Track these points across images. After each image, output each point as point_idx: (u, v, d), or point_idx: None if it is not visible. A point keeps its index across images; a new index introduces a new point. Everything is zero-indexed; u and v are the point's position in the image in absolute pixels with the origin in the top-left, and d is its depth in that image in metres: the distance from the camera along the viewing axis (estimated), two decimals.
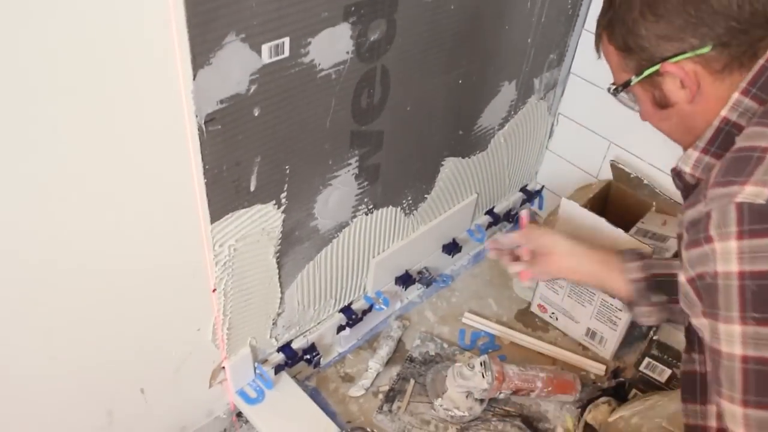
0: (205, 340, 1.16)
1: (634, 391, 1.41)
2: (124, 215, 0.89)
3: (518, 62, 1.41)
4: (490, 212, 1.72)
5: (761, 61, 0.81)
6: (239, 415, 1.37)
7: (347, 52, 0.99)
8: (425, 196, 1.43)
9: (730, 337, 0.75)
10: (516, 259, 1.22)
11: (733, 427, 0.77)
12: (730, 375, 0.76)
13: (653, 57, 0.85)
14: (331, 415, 1.35)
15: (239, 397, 1.31)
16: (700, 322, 0.81)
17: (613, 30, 0.88)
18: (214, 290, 1.08)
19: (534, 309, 1.61)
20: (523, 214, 1.26)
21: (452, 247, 1.62)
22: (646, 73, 0.86)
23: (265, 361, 1.33)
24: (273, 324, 1.27)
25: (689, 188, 0.90)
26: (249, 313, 1.19)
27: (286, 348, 1.35)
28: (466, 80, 1.29)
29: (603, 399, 1.35)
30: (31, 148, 0.74)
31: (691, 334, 0.89)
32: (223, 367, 1.25)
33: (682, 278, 0.83)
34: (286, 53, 0.91)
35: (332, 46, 0.96)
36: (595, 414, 1.33)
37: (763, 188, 0.71)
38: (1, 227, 0.77)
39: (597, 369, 1.49)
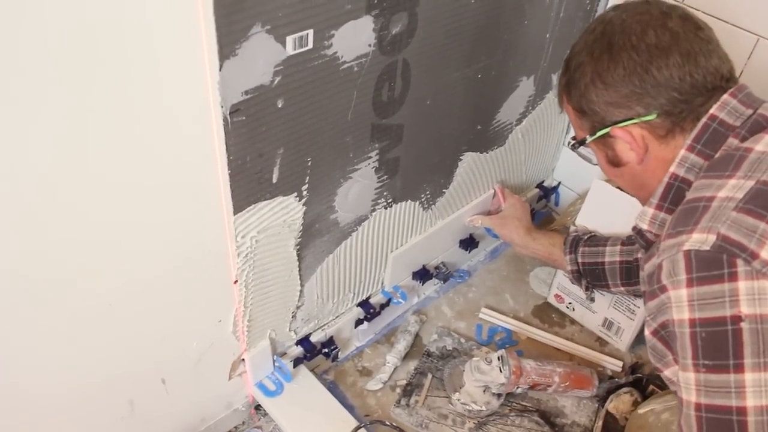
0: (226, 332, 1.16)
1: (651, 386, 1.41)
2: (149, 206, 0.89)
3: (537, 57, 1.42)
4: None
5: (704, 119, 0.86)
6: (258, 407, 1.38)
7: (369, 45, 1.00)
8: (443, 190, 1.43)
9: (688, 385, 0.77)
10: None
11: (686, 395, 0.78)
12: (689, 424, 0.78)
13: (604, 120, 0.92)
14: (349, 408, 1.36)
15: (258, 390, 1.32)
16: (672, 371, 0.83)
17: (569, 92, 0.96)
18: (235, 282, 1.09)
19: (551, 299, 1.61)
20: (497, 188, 1.59)
21: (469, 243, 1.62)
22: (599, 134, 0.93)
23: (283, 354, 1.33)
24: (292, 317, 1.28)
25: (650, 245, 0.94)
26: (269, 305, 1.20)
27: (304, 341, 1.35)
28: (485, 75, 1.29)
29: (625, 389, 1.35)
30: (57, 138, 0.75)
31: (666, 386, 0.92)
32: (243, 360, 1.25)
33: (647, 332, 0.85)
34: (310, 45, 0.91)
35: (355, 39, 0.97)
36: (617, 404, 1.33)
37: (707, 234, 0.74)
38: (28, 217, 0.78)
39: (614, 365, 1.49)
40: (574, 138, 1.00)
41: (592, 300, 1.50)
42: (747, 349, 0.71)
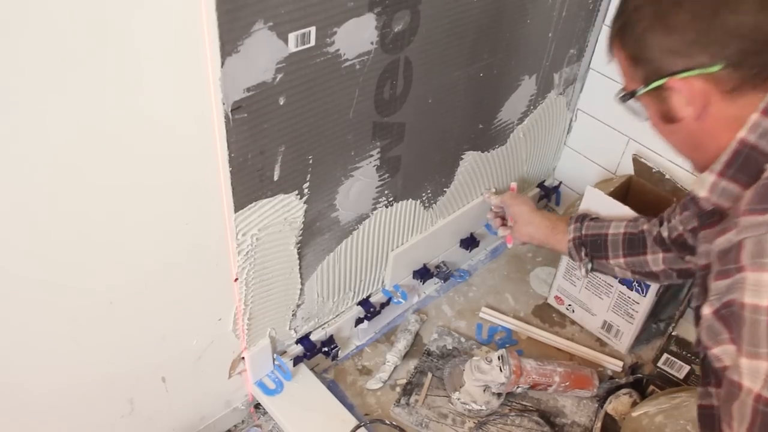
0: (226, 330, 1.16)
1: (651, 387, 1.41)
2: (150, 203, 0.89)
3: (538, 57, 1.41)
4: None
5: None
6: (257, 406, 1.37)
7: (372, 43, 1.00)
8: (444, 189, 1.43)
9: (755, 373, 0.71)
10: (504, 223, 1.48)
11: (750, 383, 0.73)
12: (742, 411, 0.73)
13: (661, 70, 0.82)
14: (349, 407, 1.36)
15: (258, 388, 1.32)
16: (723, 350, 0.78)
17: (623, 37, 0.86)
18: (236, 280, 1.09)
19: (551, 301, 1.61)
20: (513, 185, 1.57)
21: (470, 242, 1.62)
22: (653, 85, 0.83)
23: (283, 353, 1.33)
24: (292, 315, 1.28)
25: (705, 214, 0.87)
26: (269, 303, 1.20)
27: (304, 340, 1.35)
28: (487, 73, 1.29)
29: (624, 390, 1.35)
30: (58, 136, 0.74)
31: (706, 366, 0.85)
32: (243, 358, 1.25)
33: (706, 311, 0.79)
34: (312, 42, 0.91)
35: (357, 37, 0.97)
36: (616, 405, 1.33)
37: None
38: (28, 216, 0.78)
39: (614, 365, 1.49)
40: (623, 89, 0.90)
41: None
42: None
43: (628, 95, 0.88)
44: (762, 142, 0.78)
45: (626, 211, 1.33)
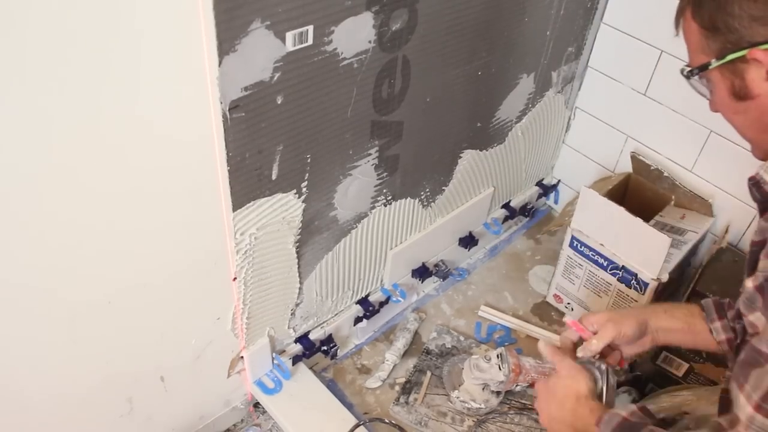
0: (225, 329, 1.16)
1: (650, 384, 1.41)
2: (148, 203, 0.89)
3: (537, 55, 1.41)
4: (506, 206, 1.72)
5: None
6: (256, 405, 1.37)
7: (369, 42, 1.00)
8: (443, 188, 1.43)
9: None
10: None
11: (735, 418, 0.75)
12: (760, 378, 0.72)
13: (741, 40, 0.76)
14: (348, 406, 1.36)
15: (257, 387, 1.32)
16: (757, 317, 0.78)
17: (701, 4, 0.79)
18: (234, 279, 1.09)
19: (549, 299, 1.61)
20: (568, 321, 1.11)
21: (469, 241, 1.62)
22: (730, 57, 0.77)
23: (282, 352, 1.33)
24: (291, 314, 1.28)
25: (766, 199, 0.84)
26: (268, 302, 1.20)
27: (303, 339, 1.35)
28: (485, 72, 1.29)
29: (623, 388, 1.35)
30: (56, 135, 0.74)
31: (736, 352, 0.81)
32: (242, 357, 1.25)
33: (749, 284, 0.79)
34: (310, 41, 0.91)
35: (355, 35, 0.97)
36: (618, 407, 1.32)
37: None
38: (27, 216, 0.78)
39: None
40: (688, 65, 0.84)
41: None
42: None
43: (697, 69, 0.82)
44: None
45: (621, 212, 1.33)
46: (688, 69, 0.83)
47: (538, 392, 1.08)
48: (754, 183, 0.84)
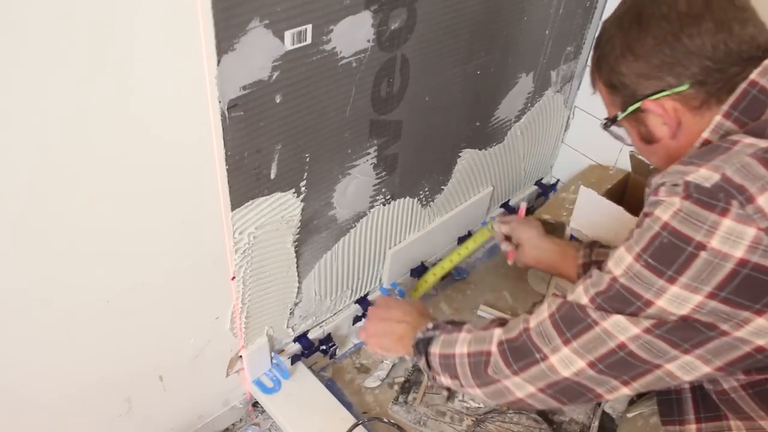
0: (223, 328, 1.16)
1: None
2: (146, 202, 0.89)
3: (536, 54, 1.41)
4: (505, 205, 1.72)
5: (743, 85, 0.82)
6: (255, 404, 1.37)
7: (368, 41, 0.99)
8: (442, 187, 1.43)
9: (620, 261, 0.82)
10: (509, 239, 1.43)
11: (613, 266, 0.83)
12: (599, 281, 0.84)
13: (635, 94, 0.88)
14: (347, 405, 1.35)
15: (255, 387, 1.32)
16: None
17: (600, 67, 0.93)
18: (233, 278, 1.09)
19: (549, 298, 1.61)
20: (522, 206, 1.53)
21: (468, 240, 1.61)
22: (630, 109, 0.90)
23: (281, 351, 1.33)
24: (290, 314, 1.28)
25: None
26: (267, 302, 1.20)
27: (302, 338, 1.35)
28: (484, 71, 1.29)
29: None
30: (54, 134, 0.74)
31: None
32: (240, 357, 1.25)
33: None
34: (309, 40, 0.91)
35: (354, 34, 0.97)
36: (613, 403, 1.33)
37: (713, 173, 0.75)
38: (25, 215, 0.77)
39: None
40: (606, 118, 0.96)
41: None
42: (690, 272, 0.75)
43: (610, 122, 0.95)
44: (723, 143, 0.83)
45: (620, 212, 1.34)
46: (604, 121, 0.97)
47: (378, 301, 1.25)
48: None
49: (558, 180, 1.82)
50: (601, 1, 1.47)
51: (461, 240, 1.61)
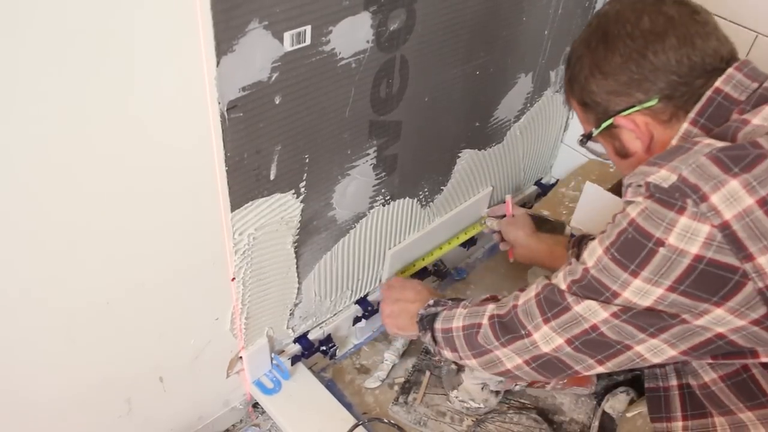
0: (223, 329, 1.16)
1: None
2: (146, 203, 0.89)
3: (535, 54, 1.41)
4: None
5: (708, 93, 0.87)
6: (255, 405, 1.37)
7: (367, 41, 0.99)
8: (441, 187, 1.43)
9: (593, 254, 0.88)
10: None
11: (587, 257, 0.89)
12: (574, 272, 0.91)
13: (607, 111, 0.93)
14: (347, 406, 1.35)
15: (256, 388, 1.32)
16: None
17: (572, 87, 0.98)
18: (233, 279, 1.09)
19: None
20: (507, 198, 1.55)
21: (467, 241, 1.62)
22: (603, 125, 0.95)
23: (281, 352, 1.33)
24: (290, 314, 1.28)
25: None
26: (267, 302, 1.20)
27: (302, 339, 1.35)
28: (483, 71, 1.29)
29: (621, 388, 1.35)
30: (53, 134, 0.74)
31: None
32: (241, 357, 1.25)
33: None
34: (308, 41, 0.91)
35: (353, 35, 0.97)
36: (613, 403, 1.33)
37: (671, 173, 0.79)
38: (24, 215, 0.78)
39: None
40: (582, 134, 1.01)
41: None
42: (650, 266, 0.80)
43: (586, 138, 1.01)
44: (685, 143, 0.87)
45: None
46: (580, 138, 1.02)
47: (392, 283, 1.34)
48: None
49: (557, 180, 1.82)
50: (599, 1, 1.47)
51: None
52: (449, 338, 1.09)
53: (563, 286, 0.92)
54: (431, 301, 1.17)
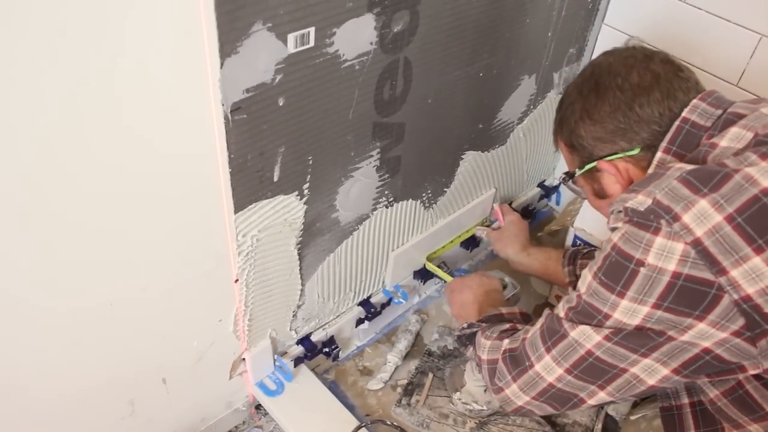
0: (227, 331, 1.16)
1: None
2: (150, 205, 0.89)
3: (538, 56, 1.41)
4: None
5: (677, 122, 0.92)
6: (258, 407, 1.37)
7: (371, 43, 1.00)
8: (445, 189, 1.43)
9: (584, 281, 0.91)
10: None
11: (580, 284, 0.93)
12: (570, 298, 0.94)
13: (592, 155, 1.00)
14: (350, 408, 1.35)
15: (258, 389, 1.32)
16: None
17: (562, 129, 1.04)
18: (236, 281, 1.09)
19: (552, 300, 1.61)
20: (495, 207, 1.58)
21: (470, 242, 1.62)
22: (587, 167, 1.01)
23: (284, 354, 1.33)
24: (293, 316, 1.28)
25: None
26: (270, 304, 1.20)
27: (305, 340, 1.35)
28: (486, 73, 1.29)
29: None
30: (55, 135, 0.74)
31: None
32: (244, 359, 1.25)
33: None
34: (311, 43, 0.91)
35: (356, 37, 0.97)
36: (617, 406, 1.33)
37: (647, 198, 0.83)
38: (29, 217, 0.78)
39: None
40: (566, 173, 1.07)
41: None
42: (634, 286, 0.84)
43: (568, 177, 1.07)
44: (659, 170, 0.90)
45: None
46: (562, 176, 1.08)
47: (452, 285, 1.36)
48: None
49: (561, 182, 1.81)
50: (603, 2, 1.47)
51: (463, 243, 1.61)
52: (481, 368, 1.11)
53: (562, 314, 0.95)
54: (465, 324, 1.20)
